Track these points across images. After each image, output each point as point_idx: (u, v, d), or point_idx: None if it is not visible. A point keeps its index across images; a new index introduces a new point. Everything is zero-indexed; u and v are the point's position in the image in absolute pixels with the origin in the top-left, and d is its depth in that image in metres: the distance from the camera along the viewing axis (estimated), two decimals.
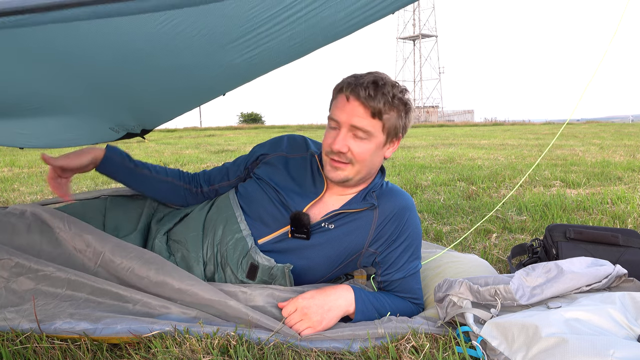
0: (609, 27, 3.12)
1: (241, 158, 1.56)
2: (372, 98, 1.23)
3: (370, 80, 1.24)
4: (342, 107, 1.26)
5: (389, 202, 1.38)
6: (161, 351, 1.07)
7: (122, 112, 1.97)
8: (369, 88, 1.23)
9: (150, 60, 1.38)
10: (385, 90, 1.24)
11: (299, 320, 1.20)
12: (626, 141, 8.79)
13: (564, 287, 1.21)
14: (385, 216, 1.37)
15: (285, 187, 1.40)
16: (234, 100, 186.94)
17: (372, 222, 1.37)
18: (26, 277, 1.27)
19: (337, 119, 1.27)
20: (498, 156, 6.29)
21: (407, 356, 1.07)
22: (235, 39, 1.30)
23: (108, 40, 1.17)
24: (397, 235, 1.37)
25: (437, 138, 11.96)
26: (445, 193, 3.41)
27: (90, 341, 1.12)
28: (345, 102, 1.25)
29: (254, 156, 1.53)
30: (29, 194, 3.73)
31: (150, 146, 9.96)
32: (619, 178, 3.92)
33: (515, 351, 0.99)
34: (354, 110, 1.24)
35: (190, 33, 1.22)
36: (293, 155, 1.48)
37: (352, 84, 1.24)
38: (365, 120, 1.24)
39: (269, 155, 1.49)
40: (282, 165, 1.45)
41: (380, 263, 1.39)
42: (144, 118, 2.17)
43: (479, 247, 2.05)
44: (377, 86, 1.24)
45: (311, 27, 1.29)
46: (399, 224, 1.37)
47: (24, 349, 1.09)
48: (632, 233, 1.70)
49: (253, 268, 1.34)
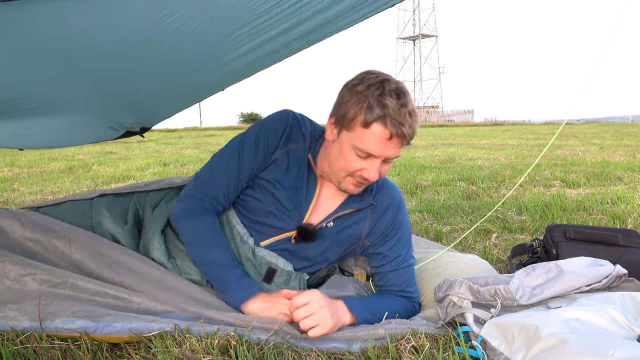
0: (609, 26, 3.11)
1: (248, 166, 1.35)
2: (413, 132, 1.16)
3: (408, 111, 1.14)
4: (382, 143, 1.15)
5: (383, 197, 1.39)
6: (161, 351, 1.07)
7: (121, 109, 1.97)
8: (411, 123, 1.14)
9: (150, 54, 1.38)
10: (417, 116, 1.17)
11: (309, 315, 1.13)
12: (626, 141, 8.79)
13: (564, 287, 1.21)
14: (380, 210, 1.39)
15: (286, 189, 1.34)
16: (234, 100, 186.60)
17: (368, 216, 1.38)
18: (30, 277, 1.30)
19: (374, 153, 1.16)
20: (498, 156, 6.29)
21: (407, 356, 1.07)
22: (234, 31, 1.30)
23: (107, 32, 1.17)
24: (391, 228, 1.39)
25: (437, 138, 11.96)
26: (445, 193, 3.41)
27: (90, 341, 1.12)
28: (387, 140, 1.14)
29: (267, 160, 1.36)
30: (29, 194, 3.73)
31: (150, 146, 9.95)
32: (619, 178, 3.92)
33: (515, 351, 0.99)
34: (395, 146, 1.16)
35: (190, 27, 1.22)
36: (294, 146, 1.36)
37: (394, 120, 1.12)
38: (400, 150, 1.20)
39: (280, 151, 1.35)
40: (285, 162, 1.35)
41: (374, 255, 1.41)
42: (143, 115, 2.17)
43: (479, 247, 2.05)
44: (414, 115, 1.15)
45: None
46: (393, 218, 1.39)
47: (24, 349, 1.09)
48: (632, 233, 1.70)
49: (271, 272, 1.34)
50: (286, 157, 1.34)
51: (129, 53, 1.33)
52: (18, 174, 5.07)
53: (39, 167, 5.72)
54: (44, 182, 4.44)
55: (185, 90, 1.90)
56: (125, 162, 6.25)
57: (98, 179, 4.57)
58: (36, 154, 7.35)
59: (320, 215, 1.36)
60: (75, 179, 4.63)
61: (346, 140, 1.18)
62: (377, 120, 1.12)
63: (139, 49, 1.32)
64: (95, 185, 4.20)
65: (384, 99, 1.12)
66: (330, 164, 1.27)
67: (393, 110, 1.11)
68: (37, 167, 5.80)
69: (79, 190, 3.89)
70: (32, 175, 4.97)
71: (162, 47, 1.32)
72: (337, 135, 1.21)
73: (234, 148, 1.36)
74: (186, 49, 1.37)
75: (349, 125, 1.16)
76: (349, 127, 1.16)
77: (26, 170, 5.41)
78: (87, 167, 5.70)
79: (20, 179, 4.68)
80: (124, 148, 9.10)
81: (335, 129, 1.21)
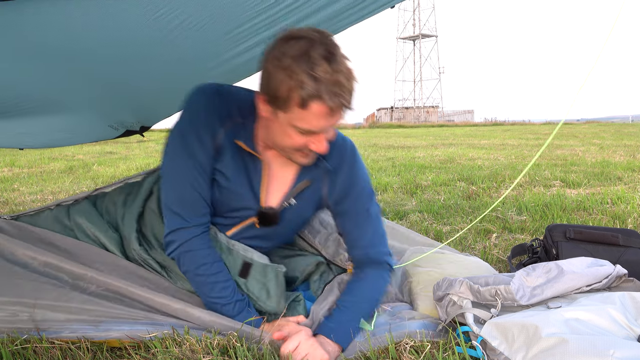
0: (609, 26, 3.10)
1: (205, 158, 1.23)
2: (352, 96, 1.07)
3: (344, 75, 1.03)
4: (324, 119, 1.07)
5: (335, 157, 1.33)
6: (161, 351, 1.07)
7: (121, 107, 1.97)
8: (350, 87, 1.06)
9: (150, 52, 1.38)
10: (353, 74, 1.07)
11: (305, 356, 1.07)
12: (626, 141, 8.79)
13: (564, 288, 1.21)
14: (335, 169, 1.33)
15: (233, 175, 1.26)
16: None
17: (325, 178, 1.34)
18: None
19: (318, 130, 1.10)
20: (498, 156, 6.29)
21: (407, 356, 1.07)
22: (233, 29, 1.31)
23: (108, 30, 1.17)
24: (349, 184, 1.34)
25: (437, 138, 11.96)
26: (445, 193, 3.41)
27: (90, 342, 1.12)
28: (328, 115, 1.06)
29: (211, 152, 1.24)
30: (29, 194, 3.73)
31: (150, 146, 9.95)
32: (619, 178, 3.91)
33: (515, 351, 0.99)
34: (338, 116, 1.09)
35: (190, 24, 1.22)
36: (229, 126, 1.23)
37: (332, 92, 1.02)
38: (344, 115, 1.11)
39: (219, 135, 1.23)
40: (227, 146, 1.24)
41: (338, 214, 1.37)
42: (143, 114, 2.18)
43: (479, 247, 2.05)
44: (350, 75, 1.05)
45: None
46: (348, 173, 1.34)
47: (24, 349, 1.09)
48: (632, 233, 1.70)
49: (246, 266, 1.31)
50: (226, 141, 1.24)
51: (129, 51, 1.33)
52: (18, 174, 5.07)
53: (39, 167, 5.72)
54: (44, 182, 4.44)
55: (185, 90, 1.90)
56: (125, 162, 6.26)
57: (98, 179, 4.57)
58: (36, 154, 7.35)
59: (278, 192, 1.31)
60: (75, 179, 4.62)
61: (285, 121, 1.09)
62: (313, 98, 1.02)
63: (139, 47, 1.32)
64: (95, 185, 4.20)
65: (315, 71, 1.00)
66: (274, 142, 1.19)
67: (328, 81, 1.01)
68: (37, 167, 5.80)
69: (79, 190, 3.89)
70: (32, 175, 4.97)
71: (162, 45, 1.32)
72: (273, 115, 1.11)
73: (181, 154, 1.22)
74: (186, 47, 1.37)
75: (284, 107, 1.06)
76: (284, 108, 1.07)
77: (26, 170, 5.41)
78: (87, 167, 5.70)
79: (20, 179, 4.68)
80: (124, 148, 9.10)
81: (268, 107, 1.11)
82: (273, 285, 1.30)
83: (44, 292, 1.25)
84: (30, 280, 1.29)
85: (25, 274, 1.32)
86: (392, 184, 3.86)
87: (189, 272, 1.26)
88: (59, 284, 1.30)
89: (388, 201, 3.18)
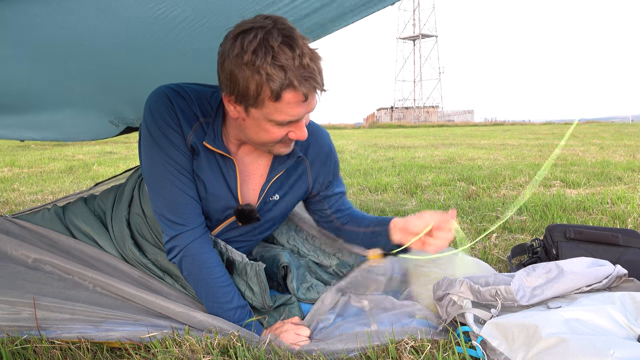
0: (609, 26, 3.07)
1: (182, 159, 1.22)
2: (322, 76, 1.06)
3: (308, 58, 1.02)
4: (299, 106, 1.06)
5: (316, 148, 1.38)
6: (161, 351, 1.07)
7: (121, 102, 1.97)
8: (318, 68, 1.04)
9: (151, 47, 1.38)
10: (317, 54, 1.06)
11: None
12: (626, 141, 8.79)
13: (564, 288, 1.21)
14: (320, 161, 1.40)
15: (205, 176, 1.25)
16: None
17: (307, 170, 1.39)
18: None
19: (295, 118, 1.09)
20: (498, 156, 6.29)
21: (407, 356, 1.07)
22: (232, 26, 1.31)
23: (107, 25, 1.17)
24: (332, 172, 1.44)
25: (437, 138, 11.95)
26: (445, 193, 3.41)
27: (90, 342, 1.12)
28: (303, 102, 1.05)
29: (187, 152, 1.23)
30: (29, 194, 3.73)
31: None
32: (619, 178, 3.91)
33: (515, 351, 0.99)
34: (313, 100, 1.08)
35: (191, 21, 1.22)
36: (197, 127, 1.21)
37: (301, 78, 1.01)
38: (318, 97, 1.10)
39: (189, 136, 1.21)
40: (196, 147, 1.23)
41: (325, 198, 1.45)
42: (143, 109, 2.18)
43: (479, 247, 2.05)
44: (314, 56, 1.04)
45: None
46: (332, 164, 1.43)
47: (24, 349, 1.09)
48: (632, 233, 1.70)
49: (229, 264, 1.33)
50: (197, 142, 1.22)
51: (129, 46, 1.33)
52: (18, 174, 5.07)
53: (39, 167, 5.72)
54: (44, 182, 4.44)
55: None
56: (126, 162, 6.25)
57: (98, 179, 4.56)
58: (36, 154, 7.35)
59: (254, 188, 1.32)
60: (75, 179, 4.63)
61: (260, 117, 1.08)
62: (284, 88, 1.01)
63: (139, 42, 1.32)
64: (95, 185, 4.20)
65: (279, 60, 0.98)
66: (250, 139, 1.18)
67: (294, 67, 1.00)
68: (37, 167, 5.79)
69: (79, 190, 3.89)
70: (32, 175, 4.97)
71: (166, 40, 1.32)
72: (245, 113, 1.10)
73: (159, 160, 1.20)
74: (187, 43, 1.37)
75: (256, 103, 1.05)
76: (256, 104, 1.05)
77: (26, 170, 5.41)
78: (87, 167, 5.70)
79: (20, 179, 4.68)
80: (124, 148, 9.09)
81: (238, 106, 1.09)
82: (254, 283, 1.31)
83: (45, 291, 1.26)
84: (32, 281, 1.29)
85: (27, 273, 1.32)
86: (392, 184, 3.86)
87: (191, 276, 1.25)
88: (60, 284, 1.31)
89: (388, 201, 3.18)
